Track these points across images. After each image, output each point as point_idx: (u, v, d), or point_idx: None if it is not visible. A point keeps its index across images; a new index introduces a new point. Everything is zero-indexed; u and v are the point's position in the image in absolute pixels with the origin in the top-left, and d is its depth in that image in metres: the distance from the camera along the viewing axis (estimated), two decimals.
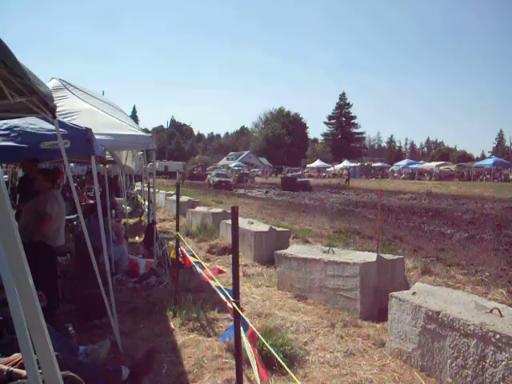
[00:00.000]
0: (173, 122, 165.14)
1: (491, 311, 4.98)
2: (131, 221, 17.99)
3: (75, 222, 12.63)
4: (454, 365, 4.92)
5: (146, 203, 17.36)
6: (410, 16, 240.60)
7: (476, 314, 4.95)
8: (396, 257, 8.49)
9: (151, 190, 14.11)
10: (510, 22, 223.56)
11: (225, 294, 4.53)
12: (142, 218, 18.46)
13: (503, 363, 4.34)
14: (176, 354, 5.80)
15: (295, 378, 3.26)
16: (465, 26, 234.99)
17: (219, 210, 17.60)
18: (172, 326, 6.82)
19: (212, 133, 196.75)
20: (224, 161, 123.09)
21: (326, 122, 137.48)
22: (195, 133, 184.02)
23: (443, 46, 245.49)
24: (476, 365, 4.63)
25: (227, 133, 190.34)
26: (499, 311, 4.92)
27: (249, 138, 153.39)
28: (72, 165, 16.76)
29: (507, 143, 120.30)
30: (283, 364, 3.37)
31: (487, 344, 4.51)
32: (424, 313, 5.35)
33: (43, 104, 4.17)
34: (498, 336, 4.40)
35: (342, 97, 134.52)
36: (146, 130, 10.19)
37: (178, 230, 7.91)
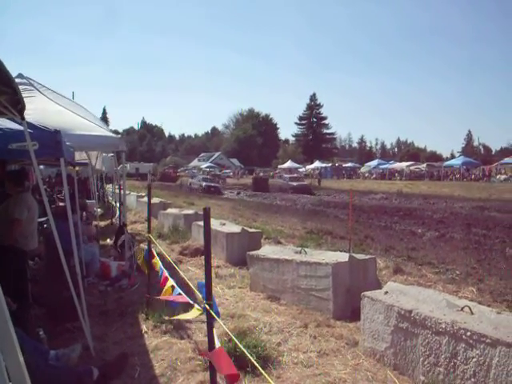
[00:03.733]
0: (144, 124, 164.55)
1: (462, 309, 5.02)
2: (102, 223, 17.84)
3: (45, 225, 12.49)
4: (426, 363, 4.95)
5: (118, 205, 17.25)
6: (379, 16, 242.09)
7: (447, 312, 4.99)
8: (368, 256, 8.53)
9: (122, 191, 14.01)
10: (476, 25, 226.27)
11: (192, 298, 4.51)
12: (114, 220, 18.34)
13: (474, 360, 4.38)
14: (148, 357, 5.75)
15: (269, 379, 3.25)
16: (435, 26, 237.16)
17: (191, 211, 17.54)
18: (144, 328, 6.77)
19: (183, 134, 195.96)
20: (195, 162, 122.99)
21: (296, 123, 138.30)
22: (166, 134, 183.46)
23: (413, 47, 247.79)
24: (448, 362, 4.67)
25: (198, 134, 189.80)
26: (470, 309, 4.97)
27: (220, 139, 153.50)
28: (41, 167, 16.60)
29: (476, 143, 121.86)
30: (257, 365, 3.36)
31: (458, 341, 4.55)
32: (396, 312, 5.38)
33: (12, 104, 4.11)
34: (468, 333, 4.44)
35: (313, 97, 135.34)
36: (116, 132, 10.11)
37: (149, 231, 7.86)
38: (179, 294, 5.22)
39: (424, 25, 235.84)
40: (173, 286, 5.58)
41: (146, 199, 17.76)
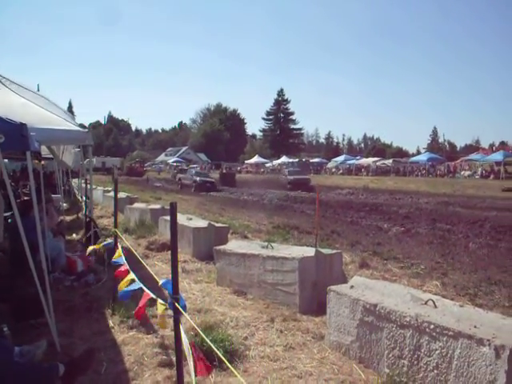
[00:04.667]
0: (110, 118, 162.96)
1: (426, 303, 5.09)
2: (68, 218, 17.66)
3: (9, 220, 12.34)
4: (390, 355, 5.02)
5: (84, 199, 17.08)
6: (347, 10, 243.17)
7: (412, 306, 5.05)
8: (334, 251, 8.59)
9: (88, 186, 13.88)
10: (441, 22, 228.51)
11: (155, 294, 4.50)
12: (80, 214, 18.16)
13: (437, 352, 4.45)
14: (115, 352, 5.72)
15: (236, 373, 3.28)
16: (402, 22, 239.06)
17: (158, 206, 17.47)
18: (111, 324, 6.73)
19: (150, 128, 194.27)
20: (162, 157, 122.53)
21: (264, 118, 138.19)
22: (133, 128, 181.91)
23: (381, 43, 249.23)
24: (412, 355, 4.74)
25: (165, 128, 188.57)
26: (433, 302, 5.04)
27: (187, 133, 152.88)
28: (6, 161, 16.37)
29: (441, 140, 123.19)
30: (224, 359, 3.39)
31: (422, 334, 4.62)
32: (362, 306, 5.43)
33: None
34: (432, 326, 4.51)
35: (280, 93, 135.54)
36: (82, 126, 9.95)
37: (116, 226, 7.82)
38: (140, 288, 5.22)
39: (392, 19, 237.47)
40: (133, 280, 5.58)
41: (112, 194, 17.64)
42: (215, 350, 3.59)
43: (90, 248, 8.52)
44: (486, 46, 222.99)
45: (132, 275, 5.71)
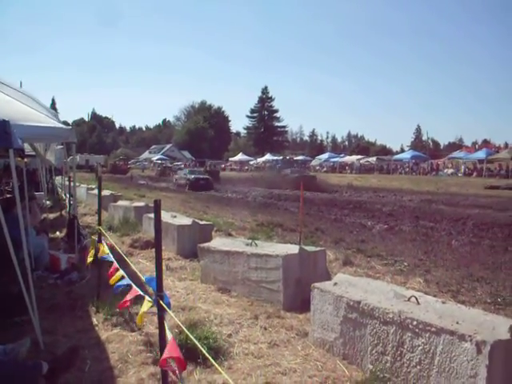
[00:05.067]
0: (94, 115, 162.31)
1: (409, 299, 5.13)
2: (51, 215, 17.57)
3: None
4: (374, 352, 5.05)
5: (67, 197, 17.00)
6: (332, 7, 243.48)
7: (395, 303, 5.09)
8: (318, 249, 8.62)
9: (72, 184, 13.82)
10: (425, 19, 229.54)
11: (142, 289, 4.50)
12: (63, 212, 18.08)
13: (420, 348, 4.49)
14: (99, 350, 5.71)
15: (220, 370, 3.29)
16: (386, 23, 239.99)
17: (142, 203, 17.44)
18: (95, 321, 6.71)
19: (134, 126, 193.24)
20: (146, 154, 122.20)
21: (248, 116, 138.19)
22: (117, 126, 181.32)
23: (363, 41, 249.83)
24: (395, 351, 4.78)
25: (149, 126, 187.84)
26: (416, 299, 5.08)
27: (171, 131, 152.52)
28: None
29: (424, 138, 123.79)
30: (208, 356, 3.39)
31: (405, 331, 4.66)
32: (345, 303, 5.46)
33: None
34: (415, 322, 4.55)
35: (265, 90, 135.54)
36: (65, 123, 9.87)
37: (99, 224, 7.80)
38: (128, 284, 5.21)
39: (376, 16, 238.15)
40: (122, 276, 5.57)
41: (96, 191, 17.59)
42: (200, 347, 3.60)
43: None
44: (470, 45, 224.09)
45: (121, 272, 5.70)
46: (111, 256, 6.60)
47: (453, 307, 4.99)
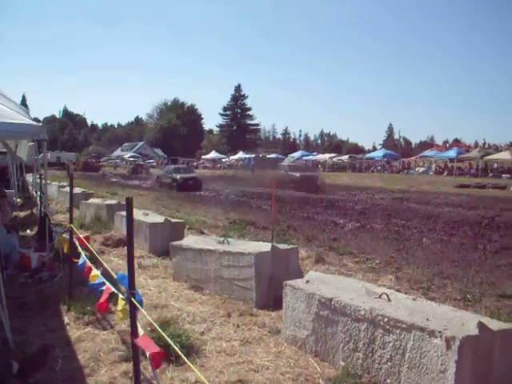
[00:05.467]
0: (65, 112, 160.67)
1: (380, 296, 5.17)
2: (22, 213, 17.39)
3: None
4: (345, 348, 5.09)
5: (38, 195, 16.82)
6: (306, 4, 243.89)
7: (366, 300, 5.14)
8: (290, 246, 8.67)
9: (43, 181, 13.68)
10: (398, 17, 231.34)
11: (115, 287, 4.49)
12: (34, 210, 17.90)
13: (390, 344, 4.54)
14: (71, 349, 5.67)
15: (193, 368, 3.29)
16: (359, 19, 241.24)
17: (114, 201, 17.32)
18: (66, 320, 6.66)
19: (106, 123, 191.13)
20: (118, 152, 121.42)
21: (221, 114, 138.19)
22: (89, 123, 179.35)
23: (336, 39, 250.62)
24: (366, 347, 4.82)
25: (121, 123, 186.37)
26: (387, 296, 5.13)
27: (144, 128, 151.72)
28: None
29: (396, 136, 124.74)
30: (181, 354, 3.40)
31: (376, 327, 4.70)
32: (317, 300, 5.49)
33: None
34: (386, 319, 4.59)
35: (238, 88, 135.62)
36: (36, 120, 9.74)
37: (71, 222, 7.75)
38: (103, 282, 5.19)
39: (349, 15, 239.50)
40: (97, 275, 5.55)
41: (67, 189, 17.41)
42: (172, 345, 3.60)
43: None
44: (440, 45, 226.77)
45: (96, 271, 5.67)
46: (84, 257, 6.57)
47: (423, 304, 5.05)
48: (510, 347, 4.49)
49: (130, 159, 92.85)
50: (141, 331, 3.60)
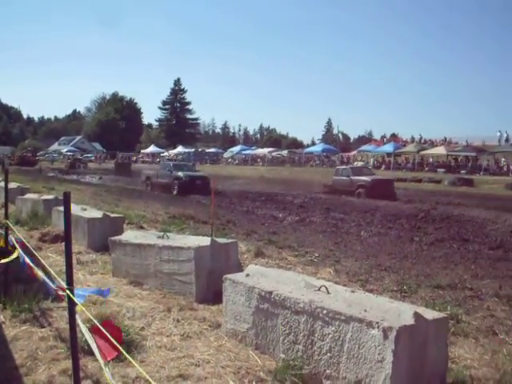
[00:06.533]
0: None
1: (319, 289, 5.24)
2: None
3: None
4: (286, 341, 5.14)
5: None
6: (242, 2, 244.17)
7: (306, 293, 5.19)
8: (230, 240, 8.68)
9: None
10: (338, 15, 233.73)
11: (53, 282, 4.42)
12: None
13: (330, 336, 4.60)
14: (6, 348, 5.53)
15: (134, 363, 3.27)
16: (300, 13, 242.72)
17: (51, 196, 16.98)
18: (2, 318, 6.51)
19: (43, 116, 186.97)
20: (56, 146, 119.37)
21: (160, 108, 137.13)
22: (24, 116, 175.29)
23: (277, 34, 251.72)
24: (306, 339, 4.88)
25: (59, 117, 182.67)
26: (326, 289, 5.20)
27: (82, 122, 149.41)
28: None
29: (335, 131, 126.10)
30: (121, 350, 3.37)
31: (316, 319, 4.75)
32: (257, 293, 5.52)
33: None
34: (325, 311, 4.65)
35: (177, 82, 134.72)
36: None
37: (6, 218, 7.59)
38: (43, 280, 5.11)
39: (286, 11, 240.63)
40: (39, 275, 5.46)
41: (2, 184, 17.05)
42: (113, 340, 3.57)
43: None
44: (375, 41, 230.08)
45: (36, 269, 5.56)
46: (23, 254, 6.44)
47: (361, 296, 5.14)
48: (443, 334, 4.72)
49: (68, 153, 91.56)
50: (83, 327, 3.57)
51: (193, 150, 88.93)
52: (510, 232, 15.99)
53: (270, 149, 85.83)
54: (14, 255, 6.59)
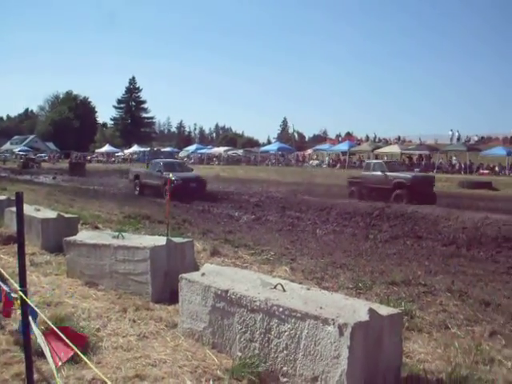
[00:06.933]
0: None
1: (275, 287, 5.27)
2: None
3: None
4: (242, 339, 5.16)
5: None
6: (194, 3, 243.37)
7: (262, 291, 5.21)
8: (185, 240, 8.67)
9: None
10: (299, 14, 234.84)
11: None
12: None
13: (286, 333, 4.64)
14: None
15: (90, 364, 3.25)
16: (256, 12, 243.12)
17: (3, 197, 16.69)
18: None
19: None
20: (8, 145, 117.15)
21: (115, 106, 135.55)
22: None
23: (231, 33, 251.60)
24: (262, 337, 4.90)
25: (10, 115, 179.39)
26: (282, 286, 5.23)
27: (34, 121, 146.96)
28: None
29: (290, 130, 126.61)
30: (77, 351, 3.34)
31: (272, 317, 4.78)
32: (213, 292, 5.53)
33: None
34: (281, 309, 4.68)
35: (132, 81, 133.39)
36: None
37: None
38: None
39: (241, 13, 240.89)
40: None
41: None
42: (68, 342, 3.54)
43: None
44: (333, 41, 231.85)
45: None
46: None
47: (317, 293, 5.19)
48: (397, 329, 4.78)
49: (21, 153, 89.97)
50: (36, 329, 3.53)
51: (148, 149, 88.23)
52: (461, 229, 16.33)
53: (226, 148, 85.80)
54: None
